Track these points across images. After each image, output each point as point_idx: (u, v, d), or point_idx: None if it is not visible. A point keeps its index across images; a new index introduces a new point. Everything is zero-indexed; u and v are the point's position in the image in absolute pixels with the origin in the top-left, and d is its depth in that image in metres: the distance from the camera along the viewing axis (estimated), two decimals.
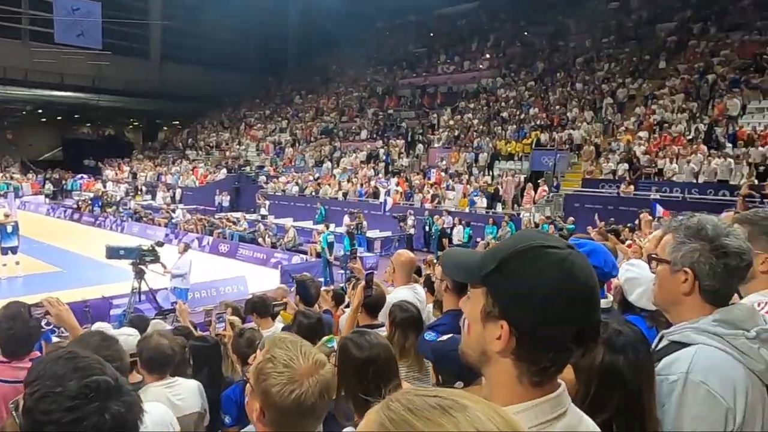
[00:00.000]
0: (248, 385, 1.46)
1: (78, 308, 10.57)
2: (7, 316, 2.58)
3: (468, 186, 20.50)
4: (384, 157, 25.46)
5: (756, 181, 14.63)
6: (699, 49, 23.36)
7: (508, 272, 0.94)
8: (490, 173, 22.12)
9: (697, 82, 21.04)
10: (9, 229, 14.48)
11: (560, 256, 0.94)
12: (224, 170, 29.02)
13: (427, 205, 19.91)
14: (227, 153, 32.07)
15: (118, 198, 28.41)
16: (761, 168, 16.11)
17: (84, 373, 1.23)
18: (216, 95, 40.02)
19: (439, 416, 0.64)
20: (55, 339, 4.84)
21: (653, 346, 1.61)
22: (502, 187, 20.11)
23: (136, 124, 46.85)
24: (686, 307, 1.52)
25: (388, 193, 21.32)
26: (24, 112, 40.76)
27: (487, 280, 0.97)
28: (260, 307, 4.55)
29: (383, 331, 3.00)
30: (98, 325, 6.86)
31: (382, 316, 3.34)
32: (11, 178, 34.30)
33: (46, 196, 33.08)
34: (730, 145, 17.68)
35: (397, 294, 3.69)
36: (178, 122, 43.35)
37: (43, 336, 3.07)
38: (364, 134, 28.90)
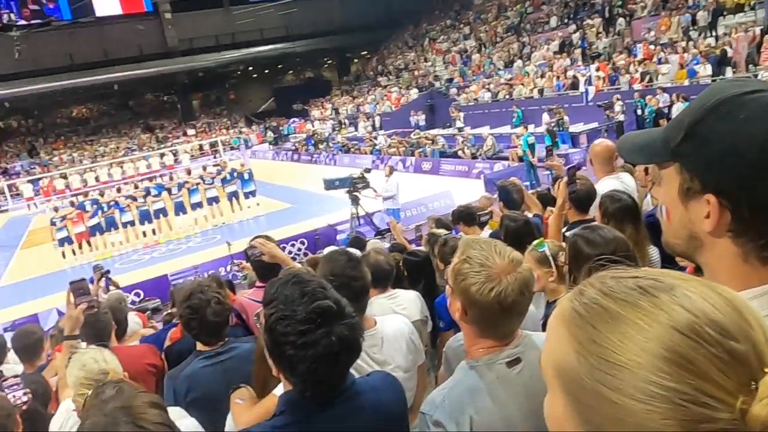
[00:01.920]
0: (447, 286, 1.48)
1: (310, 237, 12.01)
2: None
3: (685, 54, 17.68)
4: (579, 43, 23.15)
5: None
6: None
7: (703, 135, 0.77)
8: (713, 33, 18.70)
9: None
10: (246, 176, 16.79)
11: (766, 99, 0.74)
12: (415, 90, 29.40)
13: (637, 86, 17.75)
14: (415, 72, 32.31)
15: (327, 134, 30.85)
16: None
17: (310, 299, 1.33)
18: (396, 17, 40.10)
19: (638, 297, 0.55)
20: None
21: None
22: (731, 47, 16.92)
23: (331, 62, 49.56)
24: None
25: (588, 81, 19.51)
26: (239, 72, 45.88)
27: (678, 152, 0.80)
28: (466, 216, 4.60)
29: None
30: (327, 251, 7.68)
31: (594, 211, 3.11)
32: (240, 132, 39.48)
33: (269, 143, 37.48)
34: None
35: (601, 186, 3.41)
36: (366, 52, 44.72)
37: None
38: (553, 22, 26.50)
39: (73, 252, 15.14)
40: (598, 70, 19.81)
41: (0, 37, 32.47)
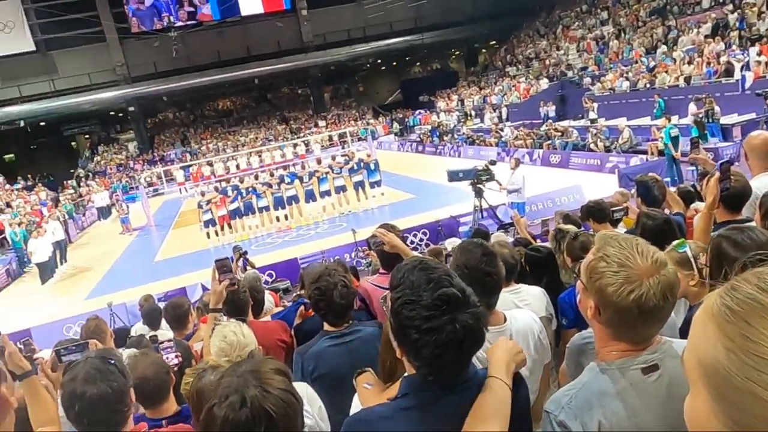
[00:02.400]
0: (579, 282, 1.41)
1: (432, 228, 12.08)
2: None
3: None
4: (737, 24, 20.84)
5: None
6: None
7: None
8: None
9: None
10: (372, 166, 17.24)
11: None
12: (545, 80, 28.29)
13: None
14: (546, 62, 31.05)
15: (452, 126, 30.72)
16: None
17: (436, 285, 1.36)
18: (528, 5, 38.77)
19: None
20: None
21: None
22: None
23: (458, 53, 49.15)
24: None
25: (746, 66, 17.51)
26: (368, 65, 47.09)
27: None
28: (596, 211, 4.35)
29: None
30: (449, 242, 7.68)
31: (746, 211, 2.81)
32: (367, 123, 40.56)
33: (395, 134, 38.16)
34: None
35: (758, 183, 3.06)
36: (494, 42, 43.77)
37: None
38: (706, 2, 24.07)
39: (216, 233, 16.56)
40: (759, 54, 17.71)
41: (160, 37, 36.21)
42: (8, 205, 25.97)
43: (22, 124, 36.47)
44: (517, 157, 14.96)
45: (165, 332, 4.96)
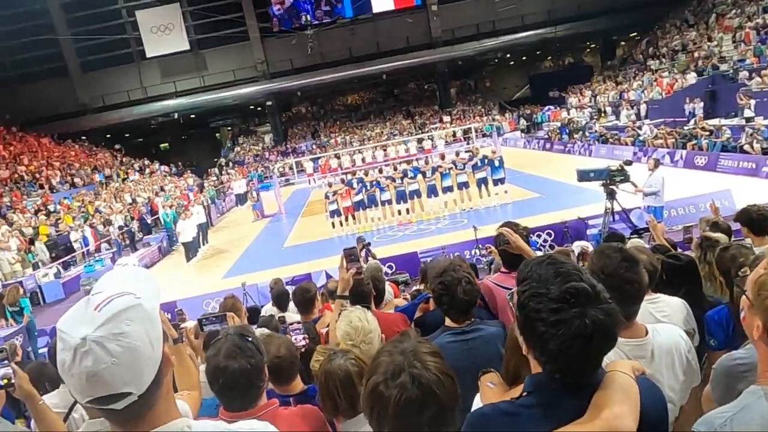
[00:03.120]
0: (744, 297, 1.27)
1: (558, 229, 11.62)
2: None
3: None
4: None
5: None
6: None
7: None
8: None
9: None
10: (496, 163, 16.90)
11: None
12: (693, 74, 25.88)
13: None
14: (695, 54, 28.38)
15: (583, 123, 29.22)
16: None
17: (564, 279, 1.33)
18: None
19: None
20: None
21: None
22: None
23: (593, 46, 46.54)
24: None
25: None
26: (496, 60, 46.16)
27: None
28: (758, 221, 3.88)
29: None
30: (576, 244, 7.32)
31: None
32: (493, 119, 39.81)
33: (521, 131, 37.12)
34: None
35: None
36: (635, 34, 40.83)
37: None
38: None
39: (341, 223, 17.20)
40: None
41: (297, 35, 38.23)
42: (162, 188, 28.97)
43: (176, 116, 40.49)
44: (657, 157, 13.85)
45: (292, 315, 5.24)
